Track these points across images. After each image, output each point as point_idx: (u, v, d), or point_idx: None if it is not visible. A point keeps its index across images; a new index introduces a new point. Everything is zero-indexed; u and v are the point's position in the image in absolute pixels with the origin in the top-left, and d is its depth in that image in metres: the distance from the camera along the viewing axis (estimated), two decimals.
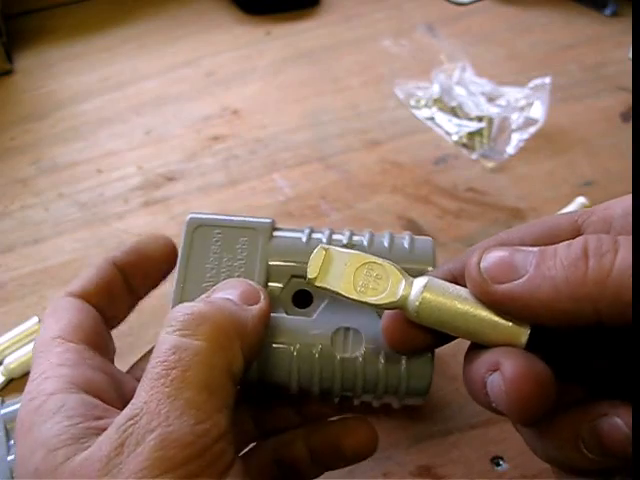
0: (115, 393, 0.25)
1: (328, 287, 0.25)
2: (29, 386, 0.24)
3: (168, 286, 0.49)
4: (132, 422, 0.20)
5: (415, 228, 0.53)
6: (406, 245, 0.29)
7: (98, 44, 0.75)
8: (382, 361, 0.26)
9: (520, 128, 0.60)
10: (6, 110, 0.66)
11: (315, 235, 0.30)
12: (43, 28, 0.77)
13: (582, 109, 0.64)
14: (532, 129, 0.60)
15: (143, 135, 0.63)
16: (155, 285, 0.32)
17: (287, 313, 0.28)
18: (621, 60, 0.70)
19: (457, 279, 0.25)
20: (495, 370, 0.22)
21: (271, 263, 0.29)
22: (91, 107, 0.66)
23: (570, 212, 0.26)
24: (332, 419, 0.28)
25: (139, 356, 0.33)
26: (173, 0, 0.82)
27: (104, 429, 0.21)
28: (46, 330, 0.26)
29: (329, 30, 0.77)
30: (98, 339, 0.27)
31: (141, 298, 0.32)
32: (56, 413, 0.22)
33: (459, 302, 0.23)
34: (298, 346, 0.27)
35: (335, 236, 0.30)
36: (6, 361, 0.43)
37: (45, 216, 0.55)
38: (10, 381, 0.43)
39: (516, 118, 0.60)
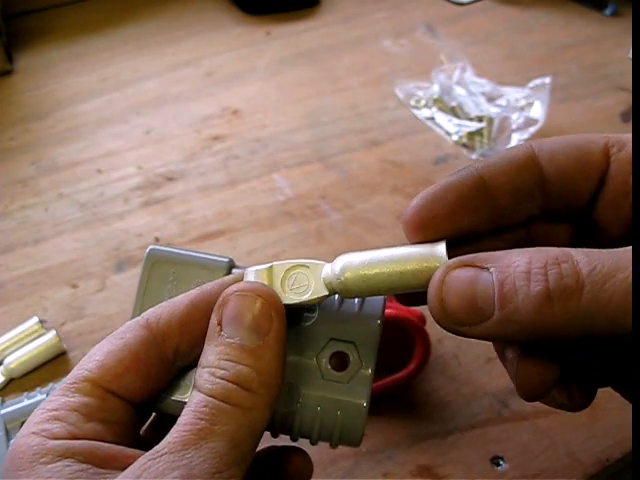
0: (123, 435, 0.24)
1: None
2: (36, 415, 0.23)
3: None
4: (152, 457, 0.21)
5: None
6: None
7: (98, 44, 0.75)
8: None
9: (520, 128, 0.60)
10: (6, 110, 0.66)
11: None
12: (43, 28, 0.78)
13: (582, 109, 0.64)
14: (532, 129, 0.60)
15: (143, 135, 0.63)
16: None
17: None
18: (621, 60, 0.70)
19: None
20: None
21: None
22: (91, 107, 0.66)
23: (604, 135, 0.26)
24: (277, 446, 0.29)
25: None
26: (173, 0, 0.82)
27: (118, 472, 0.21)
28: (85, 362, 0.24)
29: (329, 30, 0.77)
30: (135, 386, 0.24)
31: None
32: (62, 457, 0.22)
33: (380, 266, 0.24)
34: None
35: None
36: (6, 361, 0.43)
37: (45, 216, 0.55)
38: (10, 381, 0.43)
39: (516, 118, 0.60)
